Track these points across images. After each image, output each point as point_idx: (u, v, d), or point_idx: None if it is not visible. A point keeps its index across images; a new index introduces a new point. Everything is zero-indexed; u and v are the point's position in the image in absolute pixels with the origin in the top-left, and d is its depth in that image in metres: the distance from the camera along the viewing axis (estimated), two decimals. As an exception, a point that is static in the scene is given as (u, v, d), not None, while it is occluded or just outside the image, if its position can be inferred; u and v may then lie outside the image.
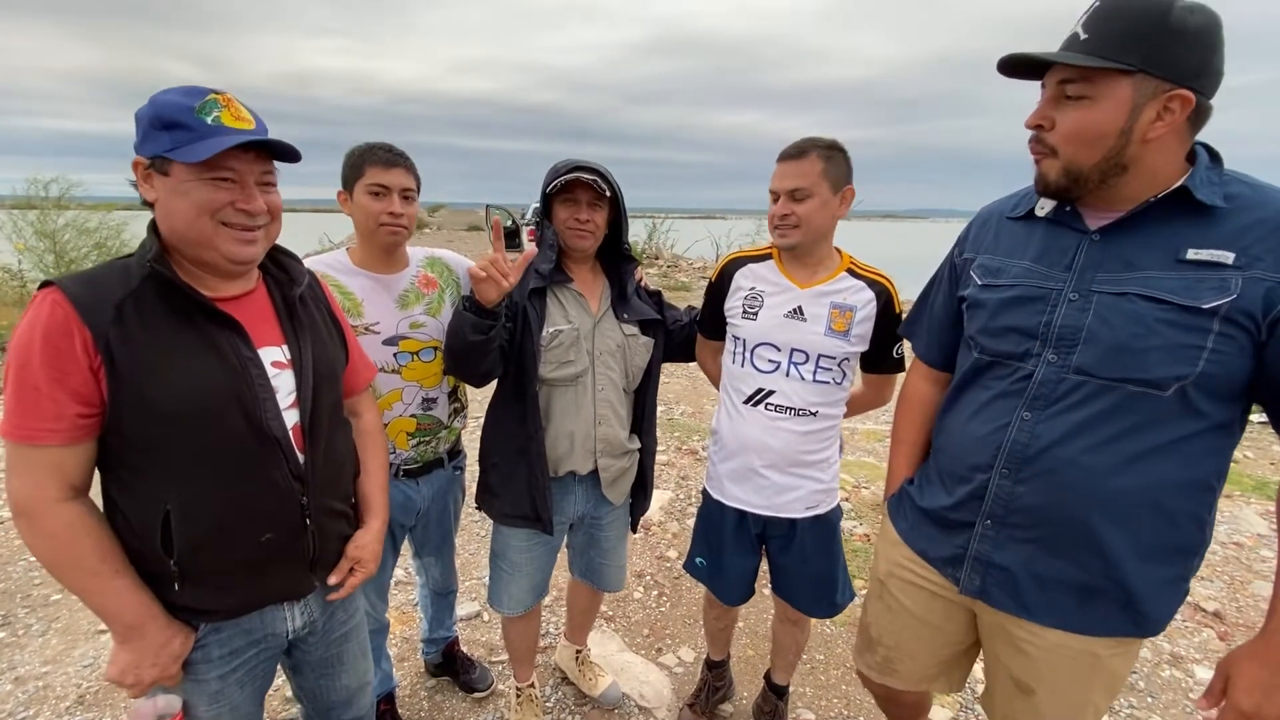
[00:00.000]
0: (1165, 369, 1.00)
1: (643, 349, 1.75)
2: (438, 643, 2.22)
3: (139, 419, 1.00)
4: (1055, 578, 1.14)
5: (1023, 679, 1.23)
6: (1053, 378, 1.10)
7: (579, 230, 1.62)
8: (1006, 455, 1.15)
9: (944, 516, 1.28)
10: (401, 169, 1.59)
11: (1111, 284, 1.05)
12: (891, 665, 1.45)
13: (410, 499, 1.77)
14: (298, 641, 1.29)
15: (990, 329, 1.18)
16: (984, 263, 1.23)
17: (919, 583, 1.36)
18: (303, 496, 1.15)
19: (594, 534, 1.90)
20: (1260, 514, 3.69)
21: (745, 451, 1.68)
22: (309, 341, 1.20)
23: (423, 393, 1.71)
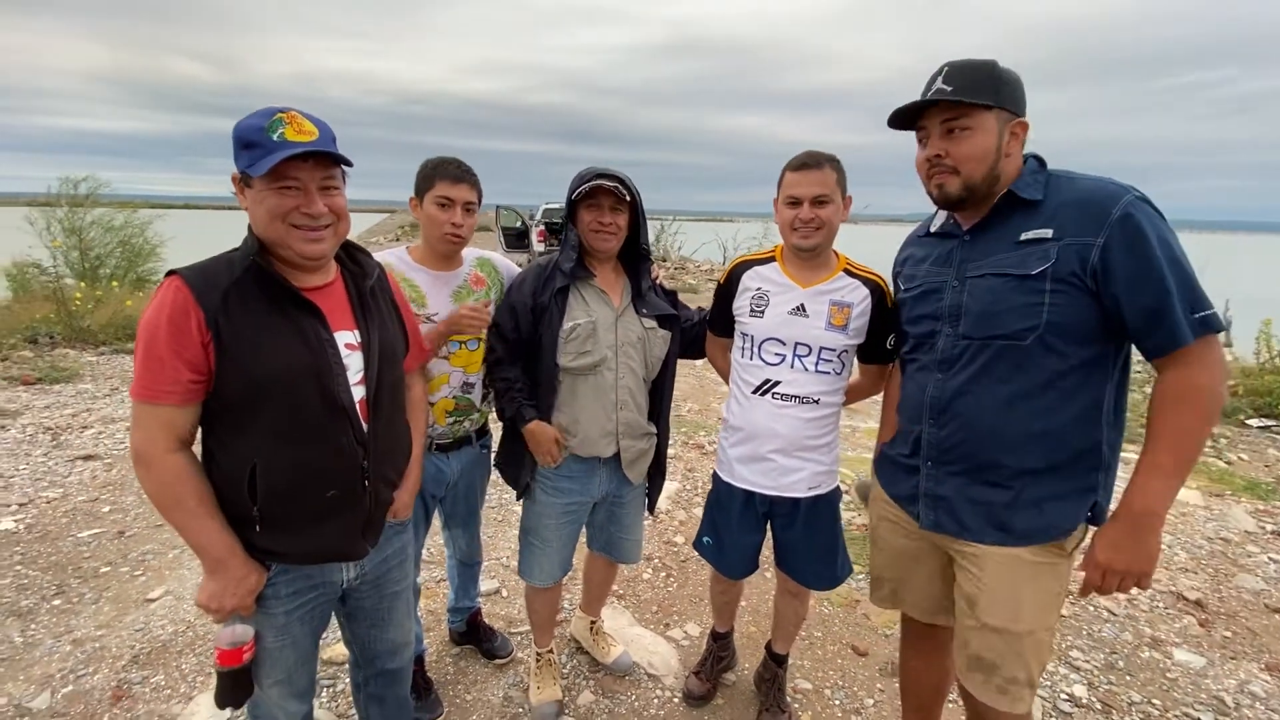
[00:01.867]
0: (1017, 324, 1.31)
1: (661, 341, 1.92)
2: (462, 612, 2.40)
3: (236, 386, 1.19)
4: (982, 500, 1.41)
5: (970, 592, 1.44)
6: (950, 345, 1.43)
7: (602, 232, 1.79)
8: (929, 409, 1.47)
9: (902, 462, 1.57)
10: (467, 184, 1.80)
11: (975, 269, 1.39)
12: (898, 595, 1.68)
13: (441, 471, 1.96)
14: (351, 591, 1.47)
15: (910, 318, 1.55)
16: (905, 273, 1.61)
17: (898, 522, 1.62)
18: (364, 461, 1.32)
19: (614, 511, 2.07)
20: (1249, 512, 3.82)
21: (754, 437, 1.85)
22: (376, 328, 1.37)
23: (464, 377, 1.90)
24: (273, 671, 1.37)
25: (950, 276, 1.44)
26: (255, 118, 1.18)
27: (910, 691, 1.84)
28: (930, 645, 1.74)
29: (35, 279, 8.33)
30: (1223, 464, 4.76)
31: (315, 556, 1.35)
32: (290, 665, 1.39)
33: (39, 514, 3.40)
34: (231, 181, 1.24)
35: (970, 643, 1.44)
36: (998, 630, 1.39)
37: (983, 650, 1.42)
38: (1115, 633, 2.67)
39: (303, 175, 1.19)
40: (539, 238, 14.07)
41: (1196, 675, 2.43)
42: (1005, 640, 1.39)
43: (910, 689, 1.84)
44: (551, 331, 1.81)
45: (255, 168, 1.15)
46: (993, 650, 1.40)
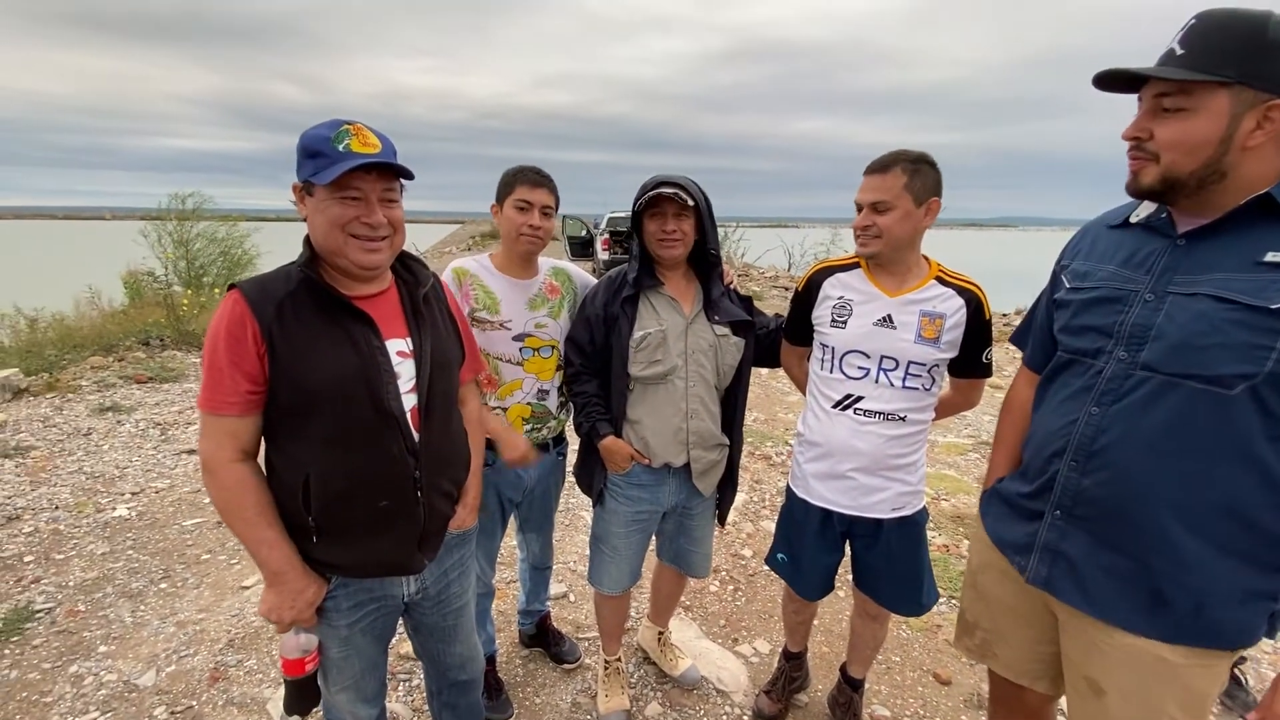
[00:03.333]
0: (1229, 366, 1.02)
1: (734, 349, 1.88)
2: (533, 615, 2.43)
3: (290, 394, 1.20)
4: (1120, 573, 1.16)
5: (1094, 678, 1.23)
6: (1120, 373, 1.14)
7: (666, 240, 1.78)
8: (1075, 448, 1.20)
9: (1020, 504, 1.33)
10: (545, 189, 1.83)
11: (1186, 285, 1.09)
12: (990, 647, 1.48)
13: (520, 477, 1.99)
14: (413, 605, 1.48)
15: (1071, 327, 1.25)
16: (1076, 268, 1.29)
17: (1006, 573, 1.39)
18: (416, 470, 1.31)
19: (684, 523, 2.04)
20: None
21: (833, 454, 1.77)
22: (429, 336, 1.37)
23: (539, 384, 1.92)
24: (340, 679, 1.40)
25: (1144, 286, 1.14)
26: (322, 129, 1.20)
27: None
28: (1020, 708, 1.52)
29: (148, 286, 9.12)
30: None
31: (371, 569, 1.35)
32: (356, 674, 1.41)
33: (149, 503, 3.69)
34: (292, 191, 1.26)
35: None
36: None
37: None
38: (1235, 677, 2.42)
39: (365, 186, 1.21)
40: (603, 246, 14.25)
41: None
42: None
43: None
44: (622, 341, 1.81)
45: (320, 176, 1.17)
46: None
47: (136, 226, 9.70)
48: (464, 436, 1.53)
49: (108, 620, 2.64)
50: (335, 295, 1.25)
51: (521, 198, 1.82)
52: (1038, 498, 1.29)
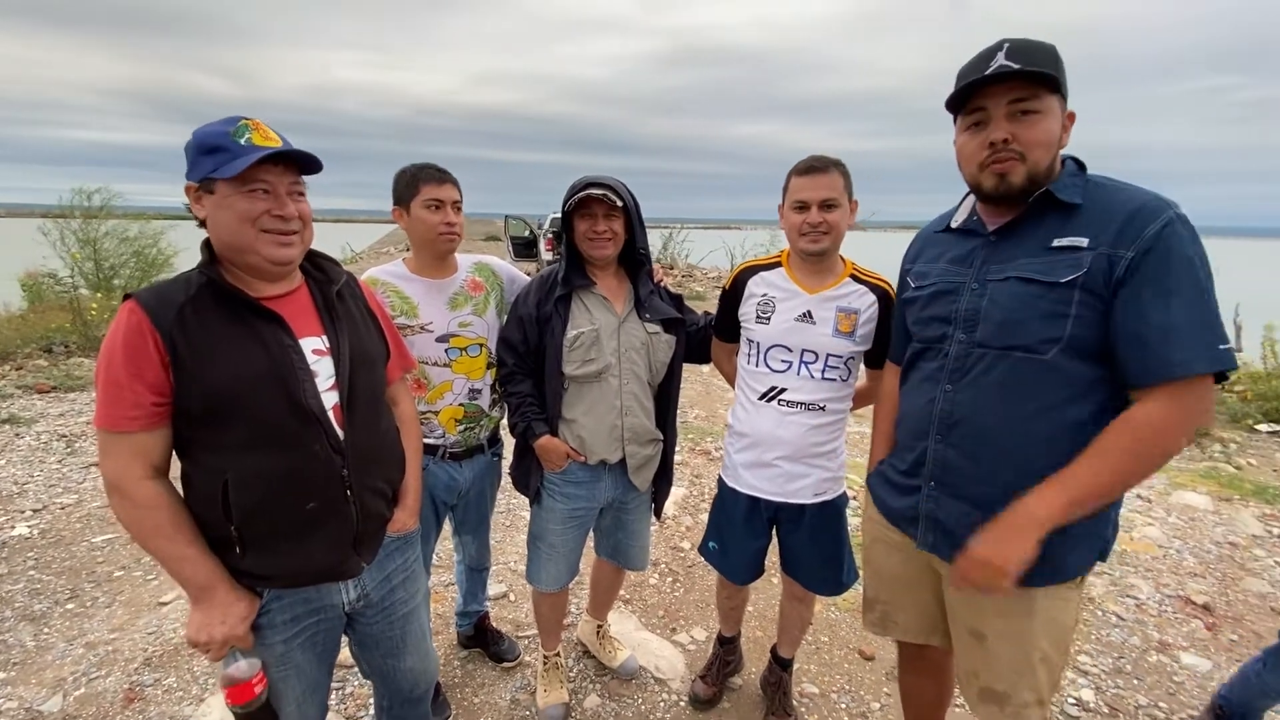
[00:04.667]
0: (1039, 334, 1.21)
1: (665, 346, 1.93)
2: (471, 616, 2.43)
3: (200, 401, 1.16)
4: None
5: (976, 627, 1.39)
6: (962, 353, 1.32)
7: (597, 240, 1.82)
8: (937, 423, 1.36)
9: (900, 481, 1.49)
10: (451, 184, 1.83)
11: (999, 272, 1.28)
12: (889, 618, 1.63)
13: (454, 479, 1.98)
14: (356, 616, 1.42)
15: (920, 319, 1.43)
16: (916, 270, 1.49)
17: (891, 543, 1.56)
18: (344, 469, 1.27)
19: (621, 517, 2.09)
20: (1257, 517, 3.80)
21: (760, 443, 1.86)
22: (345, 332, 1.33)
23: (469, 384, 1.92)
24: (278, 703, 1.33)
25: (969, 278, 1.33)
26: (217, 125, 1.17)
27: (910, 705, 1.82)
28: (925, 665, 1.71)
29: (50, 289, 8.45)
30: (1231, 469, 4.73)
31: (305, 576, 1.30)
32: (298, 696, 1.35)
33: (53, 520, 3.45)
34: (186, 193, 1.21)
35: (979, 674, 1.40)
36: (1014, 668, 1.35)
37: (993, 683, 1.38)
38: (1123, 637, 2.67)
39: (272, 179, 1.18)
40: (548, 246, 14.16)
41: (1203, 679, 2.42)
42: (1018, 673, 1.34)
43: (910, 704, 1.81)
44: (555, 341, 1.83)
45: (224, 170, 1.13)
46: (1003, 682, 1.36)
47: (34, 224, 8.97)
48: (395, 434, 1.51)
49: (6, 645, 2.47)
50: (241, 297, 1.21)
51: (432, 197, 1.81)
52: (914, 473, 1.44)
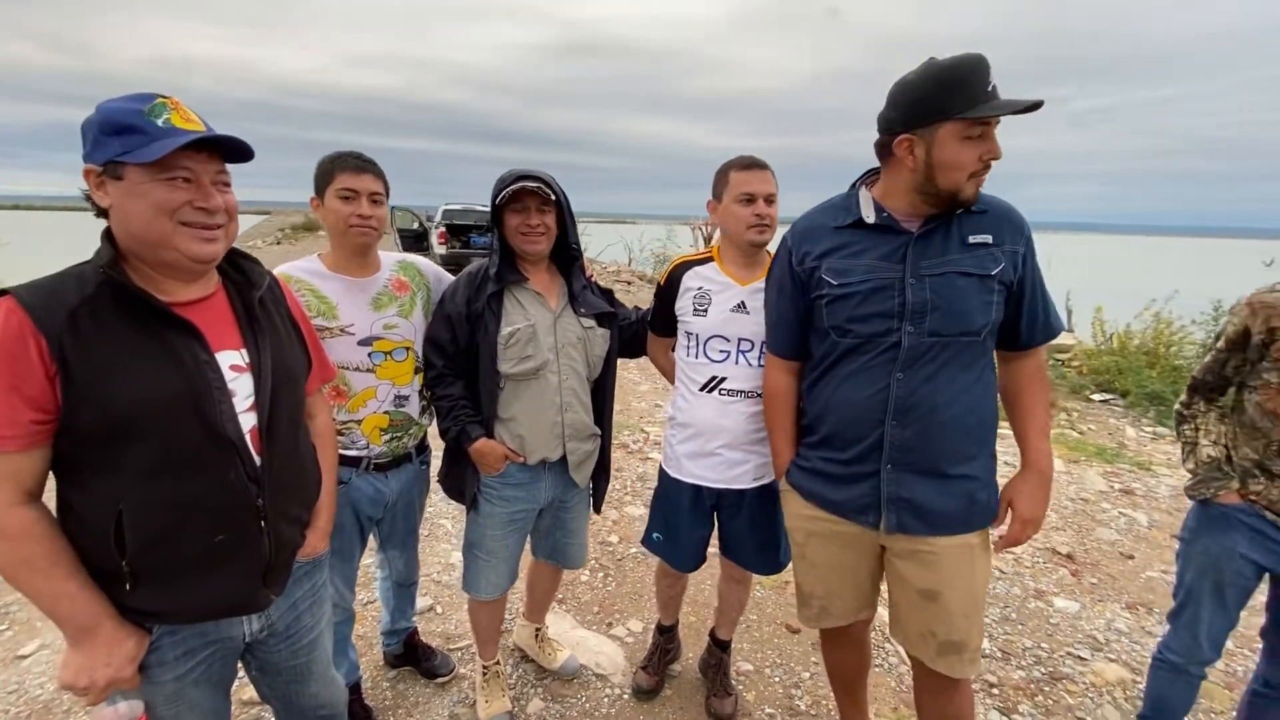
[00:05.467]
0: (979, 320, 1.43)
1: (601, 340, 1.93)
2: (399, 634, 2.30)
3: (94, 422, 1.01)
4: (947, 493, 1.47)
5: (929, 588, 1.51)
6: (914, 343, 1.44)
7: (530, 234, 1.78)
8: (893, 410, 1.46)
9: (845, 472, 1.55)
10: (370, 174, 1.71)
11: (933, 268, 1.43)
12: (826, 611, 1.71)
13: (380, 492, 1.87)
14: (257, 644, 1.31)
15: (858, 315, 1.47)
16: (832, 265, 1.51)
17: (832, 535, 1.62)
18: (259, 499, 1.16)
19: (560, 516, 2.06)
20: (1100, 474, 4.41)
21: (703, 433, 1.91)
22: (268, 345, 1.21)
23: (395, 390, 1.81)
24: None
25: (904, 274, 1.43)
26: (128, 101, 1.04)
27: (836, 676, 1.94)
28: (850, 640, 1.83)
29: None
30: (1076, 434, 5.45)
31: (205, 612, 1.18)
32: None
33: None
34: (85, 176, 1.06)
35: (936, 632, 1.52)
36: (965, 614, 1.50)
37: (951, 635, 1.51)
38: (1006, 588, 3.01)
39: (196, 167, 1.06)
40: (440, 240, 13.55)
41: (1073, 619, 2.79)
42: (969, 620, 1.51)
43: (836, 675, 1.94)
44: (489, 338, 1.78)
45: (139, 154, 1.00)
46: (959, 632, 1.51)
47: None
48: (313, 454, 1.39)
49: None
50: (150, 301, 1.06)
51: (346, 186, 1.69)
52: (865, 460, 1.52)
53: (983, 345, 1.47)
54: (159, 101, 1.04)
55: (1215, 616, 1.77)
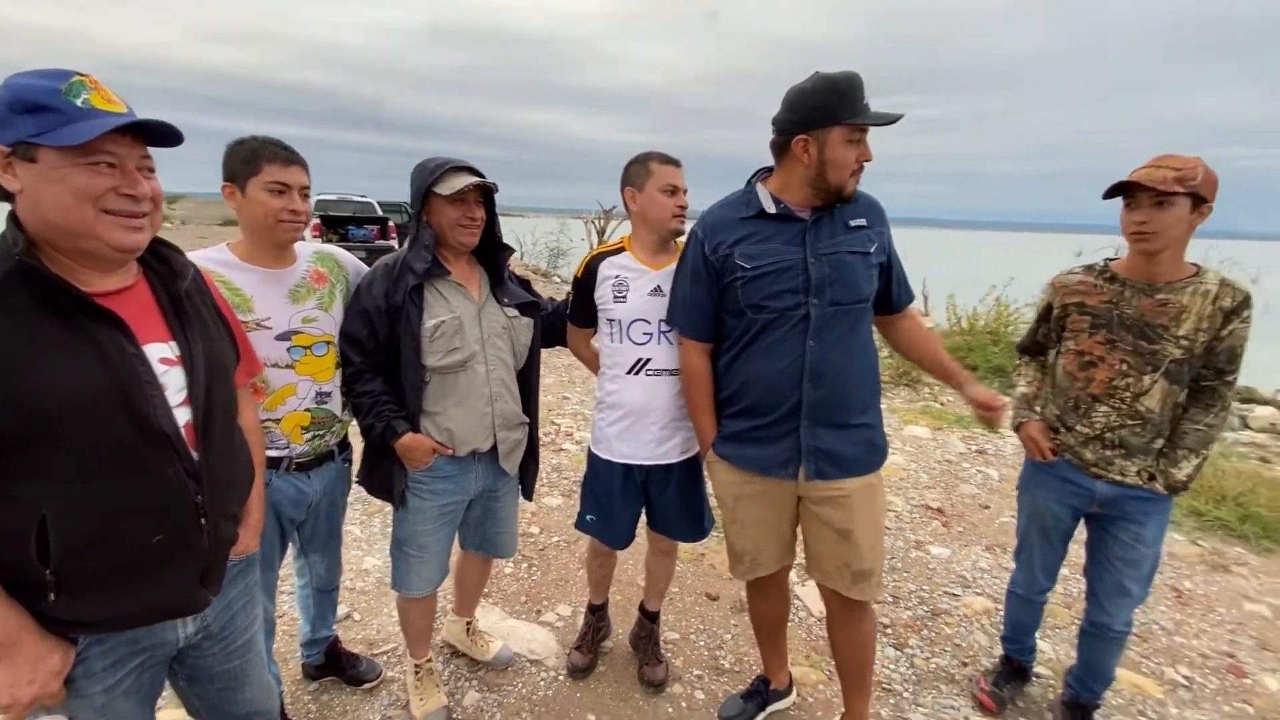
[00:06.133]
0: (865, 290, 1.70)
1: (526, 329, 1.96)
2: (320, 643, 2.20)
3: (9, 420, 0.94)
4: (851, 442, 1.72)
5: (843, 527, 1.74)
6: (821, 314, 1.66)
7: (470, 228, 1.79)
8: (809, 373, 1.67)
9: (766, 434, 1.74)
10: (299, 166, 1.63)
11: (828, 248, 1.67)
12: (757, 563, 1.90)
13: (302, 493, 1.79)
14: (190, 649, 1.26)
15: (771, 293, 1.67)
16: (744, 251, 1.70)
17: (757, 494, 1.82)
18: (198, 495, 1.12)
19: (490, 506, 2.07)
20: (960, 439, 5.03)
21: (633, 413, 2.00)
22: (199, 337, 1.17)
23: (316, 387, 1.74)
24: None
25: (805, 254, 1.66)
26: (40, 78, 0.97)
27: (761, 627, 2.14)
28: (773, 588, 2.02)
29: None
30: (939, 406, 6.16)
31: (142, 617, 1.12)
32: None
33: None
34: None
35: (850, 563, 1.75)
36: (871, 545, 1.75)
37: (862, 564, 1.74)
38: (891, 542, 3.38)
39: (120, 151, 1.01)
40: (314, 232, 12.58)
41: (946, 562, 3.20)
42: (874, 550, 1.76)
43: (761, 625, 2.13)
44: (412, 332, 1.76)
45: (58, 135, 0.94)
46: (868, 561, 1.75)
47: None
48: (247, 450, 1.34)
49: None
50: (70, 291, 0.99)
51: (277, 180, 1.60)
52: (785, 420, 1.72)
53: (869, 311, 1.76)
54: (77, 79, 0.97)
55: (1045, 554, 2.09)
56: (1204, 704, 2.35)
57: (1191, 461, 1.78)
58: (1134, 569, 1.90)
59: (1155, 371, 1.77)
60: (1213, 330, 1.72)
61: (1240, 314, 1.71)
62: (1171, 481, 1.80)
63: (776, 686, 2.19)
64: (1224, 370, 1.76)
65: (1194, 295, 1.73)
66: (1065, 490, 1.96)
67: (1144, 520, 1.86)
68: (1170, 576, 3.22)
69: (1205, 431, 1.79)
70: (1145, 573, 1.91)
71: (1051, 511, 2.01)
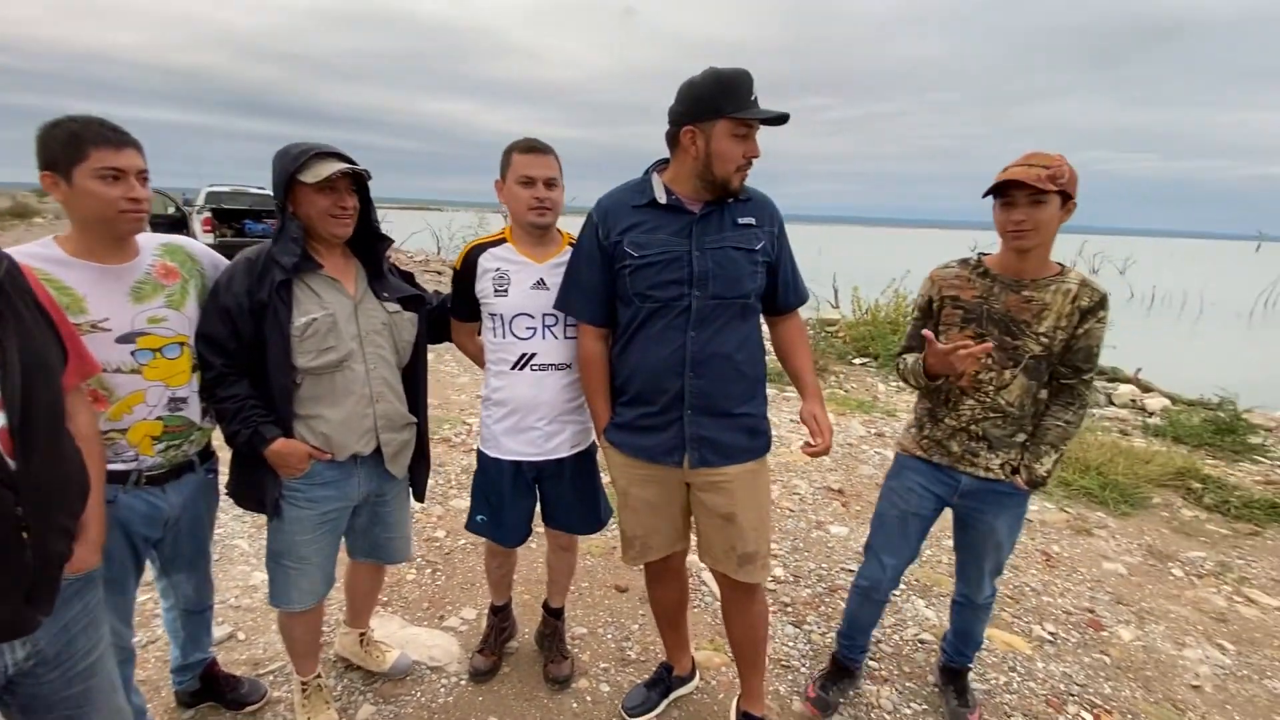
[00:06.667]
0: (749, 286, 1.72)
1: (408, 324, 1.87)
2: (193, 668, 2.04)
3: None
4: (733, 431, 1.76)
5: (727, 511, 1.78)
6: (701, 306, 1.69)
7: (342, 218, 1.69)
8: (690, 363, 1.70)
9: (652, 423, 1.77)
10: (133, 149, 1.47)
11: (714, 243, 1.69)
12: (647, 546, 1.92)
13: (156, 508, 1.64)
14: (23, 676, 1.16)
15: (656, 283, 1.69)
16: (633, 239, 1.70)
17: (647, 479, 1.84)
18: (16, 507, 1.03)
19: (378, 511, 1.97)
20: (861, 423, 5.30)
21: (519, 410, 1.96)
22: (13, 333, 1.07)
23: (169, 392, 1.60)
24: None
25: (690, 247, 1.67)
26: None
27: (661, 613, 2.17)
28: (669, 574, 2.04)
29: None
30: (843, 392, 6.46)
31: None
32: None
33: None
34: None
35: (736, 546, 1.80)
36: (755, 528, 1.80)
37: (746, 547, 1.80)
38: (795, 524, 3.52)
39: None
40: (205, 226, 11.66)
41: (844, 540, 3.37)
42: (758, 533, 1.81)
43: (661, 611, 2.16)
44: (280, 331, 1.64)
45: None
46: (751, 544, 1.80)
47: None
48: (79, 457, 1.23)
49: None
50: None
51: (110, 165, 1.42)
52: (670, 409, 1.74)
53: (753, 307, 1.78)
54: None
55: (899, 544, 2.04)
56: (1066, 657, 2.58)
57: (1051, 457, 1.84)
58: (994, 551, 2.00)
59: (1016, 366, 1.81)
60: (1070, 328, 1.77)
61: (1096, 314, 1.76)
62: (1033, 476, 1.85)
63: (679, 672, 2.23)
64: (1081, 369, 1.81)
65: (1055, 293, 1.77)
66: (933, 478, 1.97)
67: (999, 514, 1.92)
68: (1041, 541, 3.53)
69: (1064, 428, 1.84)
70: (1003, 556, 2.03)
71: (917, 495, 1.99)
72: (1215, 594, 3.13)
